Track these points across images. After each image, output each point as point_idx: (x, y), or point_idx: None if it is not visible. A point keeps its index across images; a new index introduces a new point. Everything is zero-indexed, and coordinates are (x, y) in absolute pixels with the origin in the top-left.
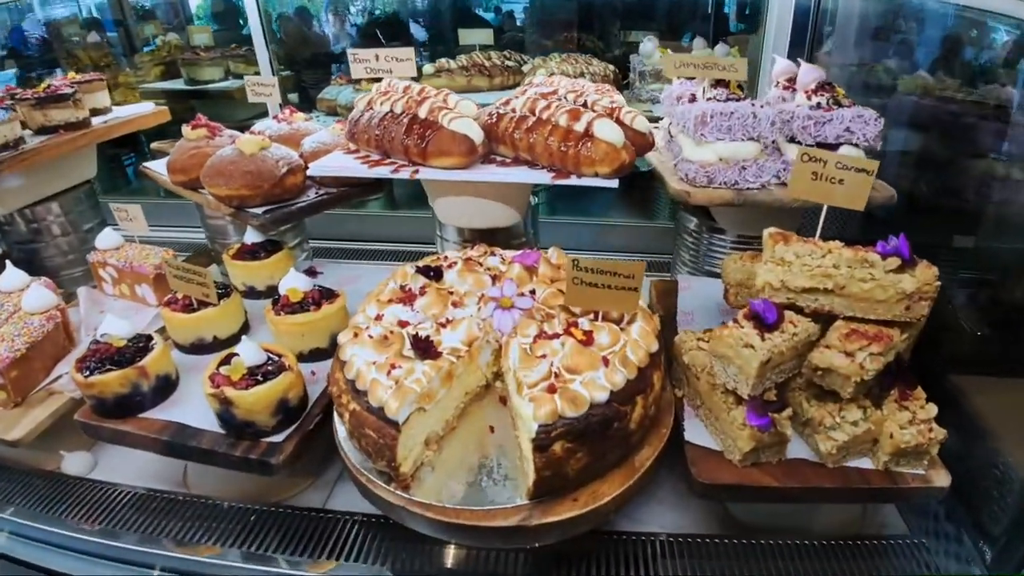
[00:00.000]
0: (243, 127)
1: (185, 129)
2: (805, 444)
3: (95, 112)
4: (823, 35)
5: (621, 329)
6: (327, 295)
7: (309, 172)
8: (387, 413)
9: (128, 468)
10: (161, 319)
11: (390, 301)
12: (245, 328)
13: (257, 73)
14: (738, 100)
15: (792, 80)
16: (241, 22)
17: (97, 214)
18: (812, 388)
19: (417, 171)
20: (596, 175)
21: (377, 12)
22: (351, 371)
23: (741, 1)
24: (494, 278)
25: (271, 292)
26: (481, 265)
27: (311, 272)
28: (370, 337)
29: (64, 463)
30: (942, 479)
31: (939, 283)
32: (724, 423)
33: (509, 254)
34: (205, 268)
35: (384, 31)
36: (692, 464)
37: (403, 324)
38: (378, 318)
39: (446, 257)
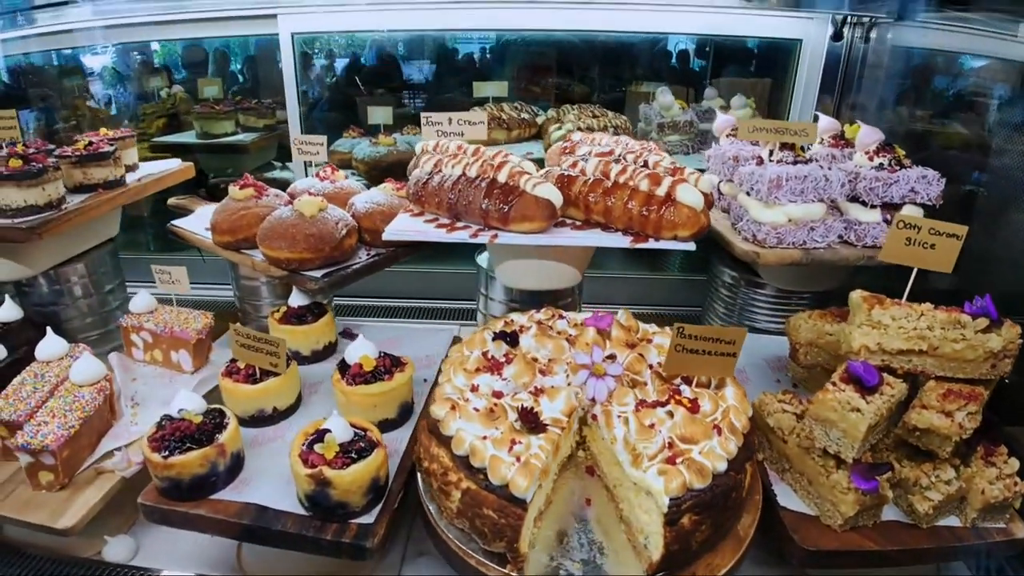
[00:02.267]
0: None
1: (232, 189)
2: (892, 504)
3: (126, 169)
4: (851, 84)
5: (718, 394)
6: (395, 362)
7: (385, 236)
8: (514, 491)
9: (173, 551)
10: (202, 387)
11: (478, 370)
12: (299, 398)
13: (268, 126)
14: (806, 163)
15: (837, 137)
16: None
17: (118, 274)
18: (902, 448)
19: (496, 235)
20: (675, 238)
21: (360, 63)
22: (461, 447)
23: (739, 49)
24: (569, 342)
25: (315, 357)
26: (552, 329)
27: (348, 334)
28: (476, 411)
29: (106, 549)
30: (1022, 531)
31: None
32: (822, 487)
33: (576, 316)
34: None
35: (370, 80)
36: (793, 531)
37: (497, 395)
38: (474, 389)
39: (512, 320)
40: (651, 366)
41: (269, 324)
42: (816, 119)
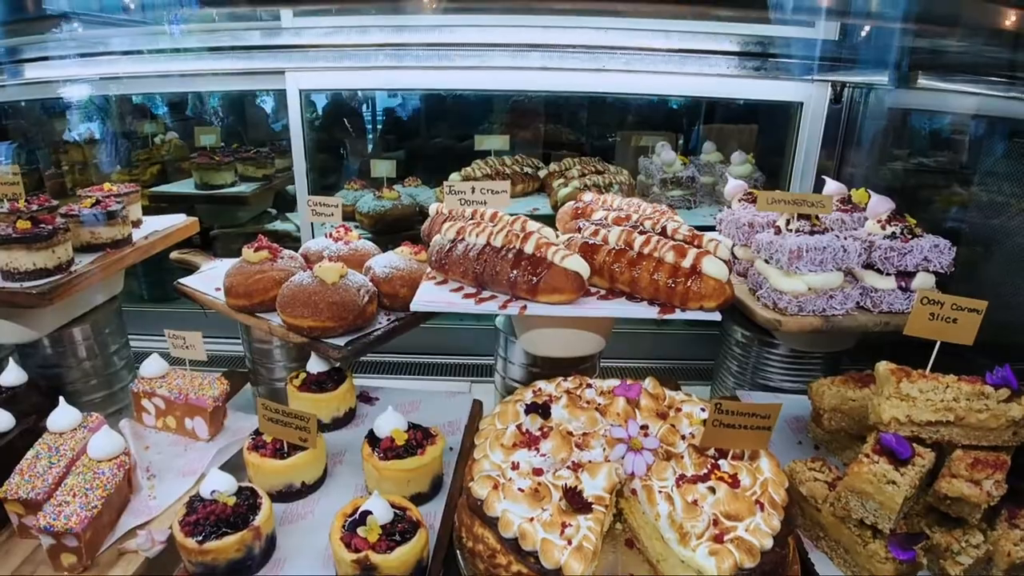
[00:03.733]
0: (257, 232)
1: (247, 251)
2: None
3: (132, 225)
4: (851, 143)
5: (753, 466)
6: (425, 435)
7: (413, 307)
8: None
9: None
10: (221, 456)
11: (515, 445)
12: (325, 470)
13: (267, 176)
14: (822, 232)
15: (844, 201)
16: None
17: (123, 333)
18: (932, 514)
19: (525, 307)
20: (701, 308)
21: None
22: (509, 529)
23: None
24: (599, 412)
25: (336, 424)
26: (581, 398)
27: (365, 398)
28: (520, 491)
29: None
30: None
31: None
32: (859, 556)
33: (602, 384)
34: (305, 412)
35: (371, 132)
36: None
37: (537, 471)
38: (515, 467)
39: (540, 390)
40: (684, 436)
41: (288, 391)
42: (820, 182)
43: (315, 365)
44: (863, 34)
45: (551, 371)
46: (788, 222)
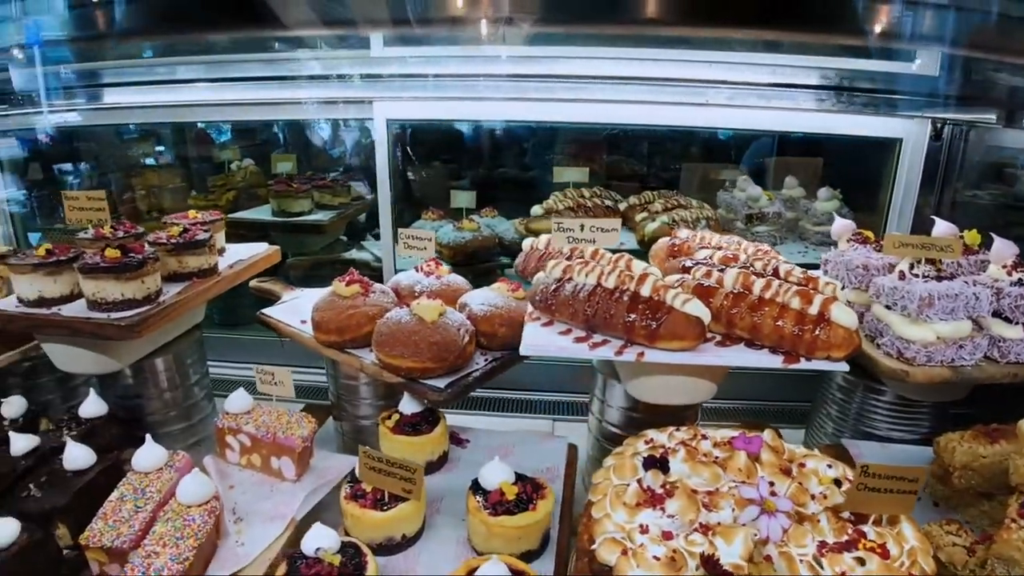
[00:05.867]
0: (332, 261)
1: (338, 285)
2: None
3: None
4: (951, 182)
5: (895, 532)
6: (535, 488)
7: (523, 351)
8: None
9: None
10: (311, 500)
11: (638, 504)
12: (425, 519)
13: (343, 204)
14: (949, 278)
15: None
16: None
17: (203, 363)
18: None
19: (643, 354)
20: (828, 358)
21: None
22: None
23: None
24: (719, 466)
25: (429, 469)
26: (698, 451)
27: (455, 440)
28: (655, 559)
29: None
30: None
31: None
32: None
33: (716, 435)
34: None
35: (447, 161)
36: None
37: (667, 535)
38: (644, 530)
39: (652, 440)
40: (813, 496)
41: (380, 433)
42: (919, 221)
43: (408, 406)
44: (967, 71)
45: (652, 416)
46: (912, 266)
